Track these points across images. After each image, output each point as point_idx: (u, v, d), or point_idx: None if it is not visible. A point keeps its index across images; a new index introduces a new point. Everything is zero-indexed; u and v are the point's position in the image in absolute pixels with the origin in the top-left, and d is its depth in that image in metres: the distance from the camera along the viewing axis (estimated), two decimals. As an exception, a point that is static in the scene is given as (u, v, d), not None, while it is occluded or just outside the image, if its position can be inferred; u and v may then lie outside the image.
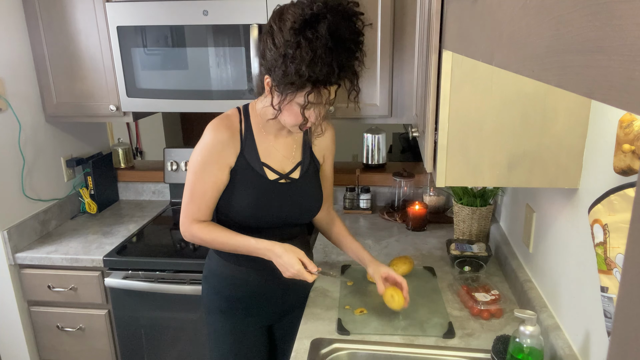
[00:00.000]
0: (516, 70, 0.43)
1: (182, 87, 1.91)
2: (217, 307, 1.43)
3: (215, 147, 1.29)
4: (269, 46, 1.17)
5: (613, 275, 0.83)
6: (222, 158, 1.30)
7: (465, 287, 1.46)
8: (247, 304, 1.43)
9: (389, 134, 3.12)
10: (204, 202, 1.32)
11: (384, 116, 1.94)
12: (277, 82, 1.18)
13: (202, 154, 1.29)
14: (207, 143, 1.29)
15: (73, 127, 2.30)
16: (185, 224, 1.34)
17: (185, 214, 1.34)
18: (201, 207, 1.32)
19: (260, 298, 1.43)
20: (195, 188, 1.31)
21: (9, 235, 1.90)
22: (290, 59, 1.11)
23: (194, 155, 1.31)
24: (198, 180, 1.30)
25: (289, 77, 1.13)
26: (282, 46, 1.13)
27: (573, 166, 1.06)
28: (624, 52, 0.25)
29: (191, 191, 1.32)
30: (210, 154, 1.29)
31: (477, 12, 0.59)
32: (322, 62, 1.10)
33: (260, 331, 1.48)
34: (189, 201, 1.33)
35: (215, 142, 1.29)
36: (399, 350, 1.26)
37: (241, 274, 1.40)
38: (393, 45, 1.87)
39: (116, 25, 1.88)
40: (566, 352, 1.09)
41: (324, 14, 1.08)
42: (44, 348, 2.05)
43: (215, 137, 1.29)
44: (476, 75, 1.01)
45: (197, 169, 1.30)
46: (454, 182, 1.10)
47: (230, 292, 1.42)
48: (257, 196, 1.33)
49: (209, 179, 1.30)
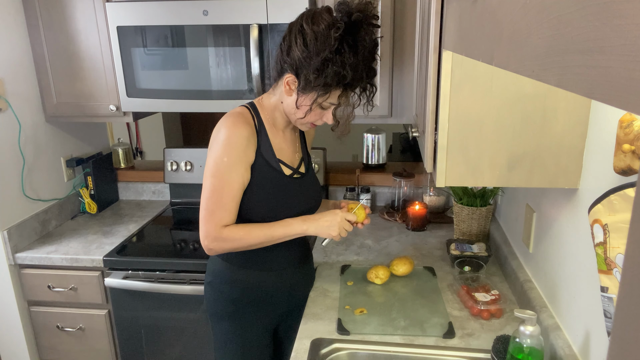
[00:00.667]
0: (516, 70, 0.43)
1: (182, 87, 1.91)
2: (225, 313, 1.41)
3: (241, 145, 1.25)
4: (299, 46, 1.19)
5: (613, 275, 0.83)
6: (247, 156, 1.27)
7: (465, 287, 1.46)
8: (255, 307, 1.42)
9: (389, 134, 3.13)
10: (234, 206, 1.28)
11: (384, 116, 1.94)
12: (308, 82, 1.21)
13: (228, 153, 1.24)
14: (231, 141, 1.24)
15: (73, 127, 2.31)
16: (213, 233, 1.27)
17: (211, 222, 1.26)
18: (232, 210, 1.28)
19: (268, 299, 1.42)
20: (224, 191, 1.25)
21: (9, 235, 1.90)
22: (331, 62, 1.16)
23: (218, 157, 1.24)
24: (226, 183, 1.25)
25: (326, 78, 1.18)
26: (319, 48, 1.17)
27: (573, 166, 1.06)
28: (624, 52, 0.25)
29: (219, 196, 1.25)
30: (237, 152, 1.25)
31: (477, 12, 0.59)
32: (361, 67, 1.20)
33: (267, 333, 1.48)
34: (216, 208, 1.26)
35: (240, 139, 1.24)
36: (399, 350, 1.26)
37: (249, 276, 1.38)
38: (393, 45, 1.87)
39: (116, 25, 1.88)
40: (566, 352, 1.09)
41: (361, 23, 1.18)
42: (44, 348, 2.05)
43: (239, 133, 1.24)
44: (476, 75, 1.01)
45: (224, 171, 1.24)
46: (454, 182, 1.10)
47: (238, 295, 1.39)
48: (276, 193, 1.33)
49: (238, 179, 1.26)
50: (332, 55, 1.16)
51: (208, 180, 1.26)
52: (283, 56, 1.25)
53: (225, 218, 1.27)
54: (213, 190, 1.26)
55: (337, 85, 1.21)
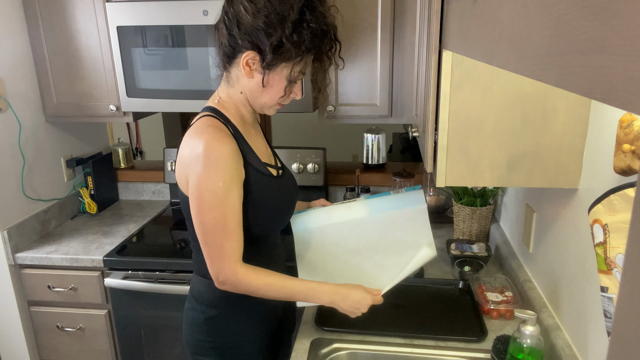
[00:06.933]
0: (516, 70, 0.43)
1: (182, 87, 1.91)
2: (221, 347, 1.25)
3: (233, 163, 1.07)
4: (252, 13, 1.03)
5: (613, 275, 0.83)
6: (240, 173, 1.10)
7: (481, 287, 1.46)
8: (259, 334, 1.29)
9: (389, 134, 3.13)
10: (240, 233, 1.10)
11: (384, 116, 1.94)
12: (277, 53, 1.04)
13: (222, 176, 1.05)
14: (222, 162, 1.05)
15: (73, 127, 2.31)
16: (228, 270, 1.09)
17: (223, 258, 1.09)
18: (240, 240, 1.10)
19: (271, 323, 1.32)
20: (229, 220, 1.07)
21: (9, 235, 1.90)
22: (304, 21, 1.03)
23: (212, 183, 1.05)
24: (229, 210, 1.07)
25: (304, 42, 1.04)
26: (283, 8, 1.02)
27: (573, 166, 1.07)
28: (624, 52, 0.25)
29: (223, 227, 1.07)
30: (231, 172, 1.06)
31: (477, 12, 0.59)
32: (329, 19, 1.08)
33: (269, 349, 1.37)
34: (224, 241, 1.08)
35: (230, 156, 1.06)
36: (399, 350, 1.26)
37: (253, 301, 1.20)
38: (393, 45, 1.87)
39: (116, 25, 1.88)
40: (566, 352, 1.09)
41: None
42: (44, 348, 2.05)
43: (228, 150, 1.06)
44: (476, 75, 1.01)
45: (223, 199, 1.06)
46: (454, 182, 1.10)
47: (242, 325, 1.25)
48: (274, 198, 1.20)
49: (238, 201, 1.09)
50: (301, 15, 1.02)
51: (207, 213, 1.07)
52: (232, 33, 1.07)
53: (237, 250, 1.10)
54: (216, 224, 1.07)
55: (312, 49, 1.07)
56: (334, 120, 1.99)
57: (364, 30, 1.85)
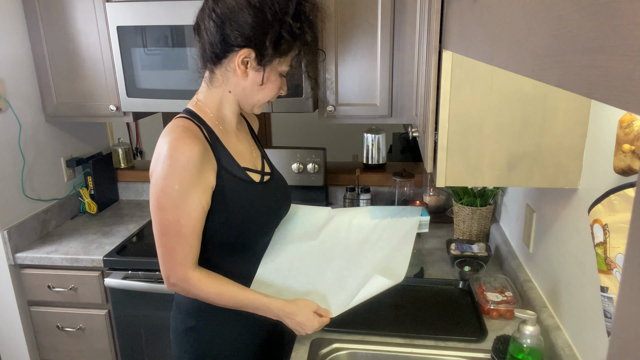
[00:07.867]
0: (516, 70, 0.43)
1: (182, 87, 1.91)
2: None
3: (194, 166, 1.02)
4: (245, 9, 1.00)
5: (613, 275, 0.83)
6: (204, 177, 1.05)
7: (481, 287, 1.46)
8: (247, 345, 1.26)
9: (389, 134, 3.12)
10: (195, 239, 1.06)
11: (384, 116, 1.94)
12: (277, 48, 1.03)
13: (179, 178, 1.01)
14: (181, 163, 1.00)
15: (73, 127, 2.31)
16: (179, 273, 1.06)
17: (173, 261, 1.06)
18: (193, 245, 1.06)
19: (263, 332, 1.28)
20: (182, 225, 1.03)
21: (9, 235, 1.90)
22: (301, 14, 1.03)
23: (168, 185, 1.01)
24: (183, 215, 1.03)
25: (302, 36, 1.04)
26: (276, 5, 1.01)
27: (573, 166, 1.07)
28: (624, 52, 0.25)
29: (177, 231, 1.03)
30: (191, 176, 1.02)
31: (477, 12, 0.59)
32: (314, 26, 1.08)
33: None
34: (176, 245, 1.04)
35: (193, 159, 1.01)
36: (399, 350, 1.26)
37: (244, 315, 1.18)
38: (393, 45, 1.87)
39: (116, 25, 1.88)
40: (566, 352, 1.09)
41: None
42: (44, 348, 2.05)
43: (190, 152, 1.01)
44: (476, 75, 1.01)
45: (177, 201, 1.02)
46: (454, 182, 1.10)
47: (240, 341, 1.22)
48: (251, 207, 1.14)
49: (196, 207, 1.04)
50: (298, 7, 1.02)
51: (160, 215, 1.03)
52: (224, 31, 1.02)
53: (189, 255, 1.06)
54: (168, 227, 1.04)
55: (307, 40, 1.07)
56: (334, 120, 1.99)
57: (364, 30, 1.85)
